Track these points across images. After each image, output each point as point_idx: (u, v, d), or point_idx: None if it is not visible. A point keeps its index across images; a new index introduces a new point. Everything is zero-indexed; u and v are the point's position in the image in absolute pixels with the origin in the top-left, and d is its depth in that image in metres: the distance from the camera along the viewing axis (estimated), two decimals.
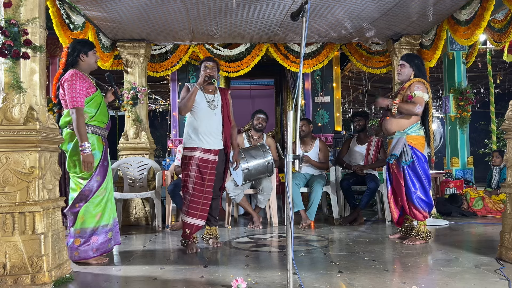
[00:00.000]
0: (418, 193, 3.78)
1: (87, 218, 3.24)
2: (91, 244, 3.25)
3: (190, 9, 4.46)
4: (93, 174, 3.24)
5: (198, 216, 3.63)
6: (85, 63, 3.33)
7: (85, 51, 3.32)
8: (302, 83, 6.43)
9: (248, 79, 9.06)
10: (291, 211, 2.30)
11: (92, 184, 3.23)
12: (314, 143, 5.33)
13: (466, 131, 7.21)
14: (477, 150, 13.15)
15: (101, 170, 3.28)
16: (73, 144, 3.20)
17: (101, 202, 3.29)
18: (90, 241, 3.25)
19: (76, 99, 3.14)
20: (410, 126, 3.81)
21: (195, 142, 3.67)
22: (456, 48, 7.21)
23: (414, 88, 3.76)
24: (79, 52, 3.30)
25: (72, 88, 3.15)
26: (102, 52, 5.11)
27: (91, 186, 3.23)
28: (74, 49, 3.32)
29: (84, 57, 3.32)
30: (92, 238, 3.26)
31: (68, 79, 3.17)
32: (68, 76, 3.18)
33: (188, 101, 3.63)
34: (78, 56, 3.30)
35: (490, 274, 2.80)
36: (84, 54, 3.32)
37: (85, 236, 3.23)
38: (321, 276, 2.82)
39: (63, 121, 3.25)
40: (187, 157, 3.66)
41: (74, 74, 3.19)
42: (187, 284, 2.72)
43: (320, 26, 5.09)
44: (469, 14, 4.36)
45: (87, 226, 3.24)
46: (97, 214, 3.27)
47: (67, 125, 3.24)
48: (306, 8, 2.35)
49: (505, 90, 12.73)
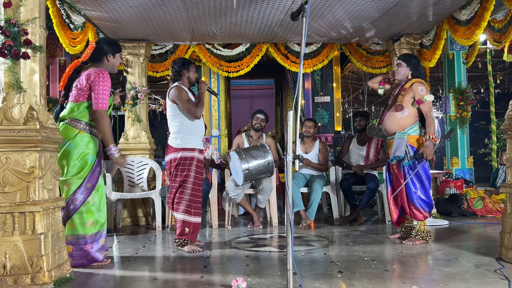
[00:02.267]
0: (418, 193, 3.78)
1: (78, 225, 3.10)
2: (84, 252, 3.12)
3: (190, 9, 4.46)
4: (84, 181, 3.08)
5: (197, 214, 3.70)
6: (110, 64, 3.28)
7: (113, 52, 3.29)
8: (302, 83, 6.43)
9: (248, 79, 9.07)
10: (291, 211, 2.30)
11: (83, 192, 3.08)
12: (315, 144, 5.33)
13: (466, 131, 7.21)
14: (477, 150, 13.16)
15: (92, 177, 3.12)
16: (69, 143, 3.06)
17: (92, 209, 3.14)
18: (84, 249, 3.12)
19: (104, 101, 3.09)
20: (410, 126, 3.81)
21: (194, 143, 3.73)
22: (456, 48, 7.21)
23: (418, 91, 3.76)
24: (107, 52, 3.25)
25: (105, 89, 3.08)
26: None
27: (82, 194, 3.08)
28: (102, 45, 3.26)
29: (110, 58, 3.28)
30: (86, 246, 3.13)
31: (101, 78, 3.07)
32: (99, 74, 3.08)
33: (203, 105, 3.78)
34: (106, 54, 3.24)
35: (490, 274, 2.80)
36: (111, 55, 3.28)
37: (77, 243, 3.11)
38: (321, 276, 2.82)
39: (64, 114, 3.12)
40: (188, 158, 3.68)
41: (106, 74, 3.12)
42: (187, 284, 2.72)
43: (320, 26, 5.09)
44: (469, 14, 4.36)
45: (79, 233, 3.11)
46: (87, 222, 3.12)
47: (68, 118, 3.10)
48: (306, 8, 2.35)
49: (505, 90, 12.73)
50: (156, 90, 11.83)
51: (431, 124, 3.74)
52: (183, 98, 3.66)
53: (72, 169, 3.08)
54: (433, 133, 3.72)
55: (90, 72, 3.11)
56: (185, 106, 3.66)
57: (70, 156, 3.07)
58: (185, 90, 3.74)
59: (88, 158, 3.11)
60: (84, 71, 3.16)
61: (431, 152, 3.68)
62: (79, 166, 3.09)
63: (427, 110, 3.76)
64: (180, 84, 3.78)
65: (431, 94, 3.83)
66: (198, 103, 3.73)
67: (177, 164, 3.68)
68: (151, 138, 5.56)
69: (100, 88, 3.08)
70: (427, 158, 3.69)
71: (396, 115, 3.84)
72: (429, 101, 3.76)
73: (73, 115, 3.10)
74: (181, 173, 3.66)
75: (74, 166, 3.08)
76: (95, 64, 3.21)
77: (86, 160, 3.10)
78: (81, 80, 3.11)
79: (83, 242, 3.13)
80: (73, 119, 3.10)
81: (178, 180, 3.67)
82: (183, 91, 3.72)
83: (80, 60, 3.24)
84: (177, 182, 3.68)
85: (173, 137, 3.75)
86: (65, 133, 3.06)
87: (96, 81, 3.08)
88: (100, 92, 3.08)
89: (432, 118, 3.76)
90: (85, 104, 3.13)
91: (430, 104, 3.80)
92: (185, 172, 3.66)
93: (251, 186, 5.04)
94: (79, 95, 3.11)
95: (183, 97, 3.67)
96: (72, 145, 3.08)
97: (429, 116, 3.76)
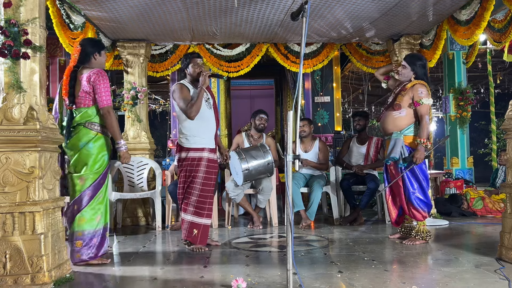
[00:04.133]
0: (416, 193, 3.77)
1: (87, 220, 3.23)
2: (92, 246, 3.24)
3: (190, 9, 4.46)
4: (99, 177, 3.25)
5: (206, 216, 3.66)
6: (97, 62, 3.36)
7: (98, 50, 3.37)
8: (302, 83, 6.43)
9: (248, 79, 9.07)
10: (291, 211, 2.30)
11: (94, 187, 3.23)
12: (314, 143, 5.33)
13: (466, 131, 7.22)
14: (477, 150, 13.15)
15: (105, 175, 3.32)
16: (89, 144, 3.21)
17: (101, 205, 3.29)
18: (92, 243, 3.24)
19: (108, 97, 3.21)
20: (407, 127, 3.81)
21: (202, 142, 3.67)
22: (456, 48, 7.22)
23: (418, 93, 3.74)
24: (92, 52, 3.33)
25: (105, 86, 3.20)
26: None
27: (93, 188, 3.23)
28: (86, 47, 3.34)
29: (97, 56, 3.36)
30: (93, 240, 3.25)
31: (99, 77, 3.19)
32: (97, 74, 3.19)
33: (200, 104, 3.60)
34: (92, 54, 3.33)
35: (490, 274, 2.80)
36: (97, 53, 3.37)
37: (86, 238, 3.23)
38: (321, 276, 2.82)
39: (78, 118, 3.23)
40: (196, 158, 3.64)
41: (102, 73, 3.23)
42: (187, 284, 2.72)
43: (320, 26, 5.09)
44: (469, 14, 4.36)
45: (87, 228, 3.23)
46: (96, 217, 3.27)
47: (85, 122, 3.23)
48: (306, 8, 2.35)
49: (505, 90, 12.73)
50: (156, 90, 11.84)
51: (424, 128, 3.72)
52: (179, 96, 3.61)
53: (91, 167, 3.23)
54: (425, 137, 3.70)
55: (89, 75, 3.21)
56: (179, 105, 3.62)
57: (90, 156, 3.22)
58: (185, 88, 3.68)
59: (104, 157, 3.29)
60: (80, 75, 3.26)
61: (421, 157, 3.67)
62: (98, 164, 3.25)
63: (423, 113, 3.74)
64: (184, 81, 3.74)
65: (431, 98, 3.81)
66: (194, 102, 3.59)
67: (185, 164, 3.66)
68: (151, 138, 5.56)
69: (102, 86, 3.20)
70: (417, 162, 3.68)
71: (394, 115, 3.83)
72: (426, 104, 3.73)
73: (89, 119, 3.24)
74: (189, 174, 3.65)
75: (93, 165, 3.23)
76: (86, 66, 3.31)
77: (103, 159, 3.28)
78: (84, 84, 3.21)
79: (92, 236, 3.25)
80: (89, 122, 3.24)
81: (187, 181, 3.65)
82: (182, 89, 3.66)
83: (71, 65, 3.36)
84: (185, 183, 3.66)
85: (181, 137, 3.73)
86: (84, 136, 3.22)
87: (96, 81, 3.19)
88: (102, 90, 3.20)
89: (426, 122, 3.73)
90: (96, 107, 3.26)
91: (427, 107, 3.76)
92: (192, 173, 3.63)
93: (251, 186, 5.04)
94: (88, 99, 3.23)
95: (179, 95, 3.62)
96: (91, 146, 3.23)
97: (423, 119, 3.73)
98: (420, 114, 3.75)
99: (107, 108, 3.21)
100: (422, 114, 3.74)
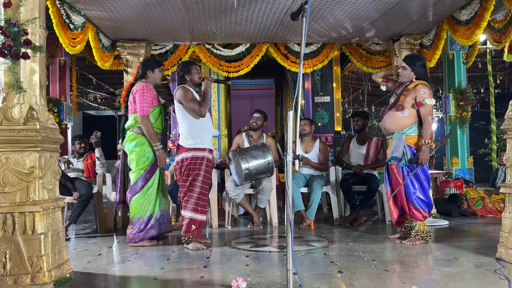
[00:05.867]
0: (417, 193, 3.78)
1: (137, 208, 3.85)
2: (143, 230, 3.85)
3: (190, 8, 4.46)
4: (145, 171, 3.85)
5: (203, 212, 3.84)
6: (151, 78, 3.99)
7: (152, 68, 3.99)
8: (302, 83, 6.43)
9: (248, 79, 9.06)
10: (291, 211, 2.30)
11: (142, 179, 3.84)
12: (315, 143, 5.33)
13: (466, 131, 7.21)
14: (477, 150, 13.14)
15: (152, 169, 3.88)
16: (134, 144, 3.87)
17: (149, 195, 3.86)
18: (142, 228, 3.85)
19: (144, 108, 3.79)
20: (409, 127, 3.81)
21: (204, 142, 3.85)
22: (456, 48, 7.22)
23: (421, 93, 3.74)
24: (147, 69, 3.97)
25: (142, 98, 3.79)
26: (102, 52, 5.11)
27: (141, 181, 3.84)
28: (144, 65, 4.02)
29: (150, 73, 3.97)
30: (141, 226, 3.85)
31: (140, 90, 3.81)
32: (139, 88, 3.83)
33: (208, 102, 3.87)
34: (146, 72, 3.95)
35: (490, 274, 2.80)
36: (151, 70, 3.97)
37: (135, 223, 3.85)
38: (321, 276, 2.82)
39: (128, 124, 3.94)
40: (199, 158, 3.80)
41: (145, 87, 3.84)
42: (187, 284, 2.72)
43: (320, 27, 5.09)
44: (469, 14, 4.36)
45: (136, 215, 3.85)
46: (145, 205, 3.86)
47: (131, 127, 3.90)
48: (306, 8, 2.35)
49: (505, 90, 12.72)
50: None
51: (428, 129, 3.73)
52: (188, 98, 3.76)
53: (137, 164, 3.87)
54: (429, 137, 3.71)
55: (134, 88, 3.89)
56: (189, 106, 3.77)
57: (136, 154, 3.87)
58: (190, 90, 3.84)
59: (149, 155, 3.88)
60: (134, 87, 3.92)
61: (427, 158, 3.68)
62: (142, 160, 3.87)
63: (425, 114, 3.75)
64: (186, 85, 3.89)
65: (433, 99, 3.82)
66: (203, 101, 3.81)
67: (188, 163, 3.79)
68: None
69: (139, 98, 3.80)
70: (422, 163, 3.68)
71: (396, 115, 3.83)
72: (429, 105, 3.74)
73: (137, 124, 3.88)
74: (192, 173, 3.78)
75: (139, 161, 3.86)
76: (141, 80, 3.95)
77: (147, 156, 3.88)
78: (131, 96, 3.89)
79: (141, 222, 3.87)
80: (137, 126, 3.88)
81: (189, 180, 3.78)
82: (188, 91, 3.81)
83: (131, 80, 4.09)
84: (187, 181, 3.78)
85: (184, 137, 3.85)
86: (131, 139, 3.90)
87: (137, 94, 3.83)
88: (140, 101, 3.80)
89: (429, 123, 3.74)
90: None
91: (430, 108, 3.77)
92: (196, 172, 3.78)
93: (251, 186, 5.04)
94: (134, 108, 3.86)
95: (187, 97, 3.77)
96: (136, 147, 3.87)
97: (426, 120, 3.74)
98: (423, 114, 3.76)
99: (143, 117, 3.79)
100: (425, 115, 3.75)
